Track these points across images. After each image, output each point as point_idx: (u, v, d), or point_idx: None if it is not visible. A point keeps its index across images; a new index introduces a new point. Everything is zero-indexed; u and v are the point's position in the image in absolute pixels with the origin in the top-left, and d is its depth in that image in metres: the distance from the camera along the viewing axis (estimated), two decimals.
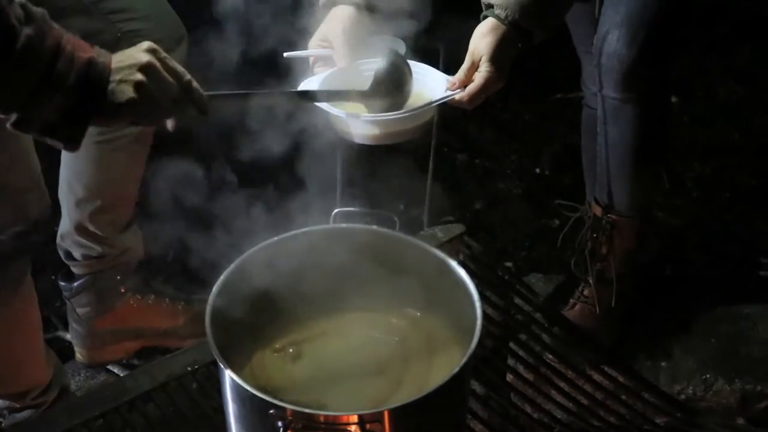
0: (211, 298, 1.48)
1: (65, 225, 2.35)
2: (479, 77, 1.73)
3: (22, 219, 1.98)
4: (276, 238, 1.58)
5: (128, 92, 1.35)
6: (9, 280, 2.07)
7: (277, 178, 1.64)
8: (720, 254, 2.88)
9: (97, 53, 1.33)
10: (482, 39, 1.74)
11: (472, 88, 1.73)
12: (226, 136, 1.44)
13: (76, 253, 2.39)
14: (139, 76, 1.36)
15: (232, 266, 1.54)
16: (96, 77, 1.32)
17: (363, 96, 1.70)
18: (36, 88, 1.27)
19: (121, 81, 1.35)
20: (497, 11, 1.73)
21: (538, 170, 3.33)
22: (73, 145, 1.35)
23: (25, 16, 1.25)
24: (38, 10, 1.28)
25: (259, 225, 1.56)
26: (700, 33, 3.60)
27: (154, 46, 1.41)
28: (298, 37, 1.84)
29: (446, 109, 1.78)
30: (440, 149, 2.34)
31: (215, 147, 2.79)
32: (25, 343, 2.17)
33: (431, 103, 1.74)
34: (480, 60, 1.73)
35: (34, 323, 2.19)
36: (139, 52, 1.38)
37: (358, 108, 1.75)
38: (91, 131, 1.39)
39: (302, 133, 1.71)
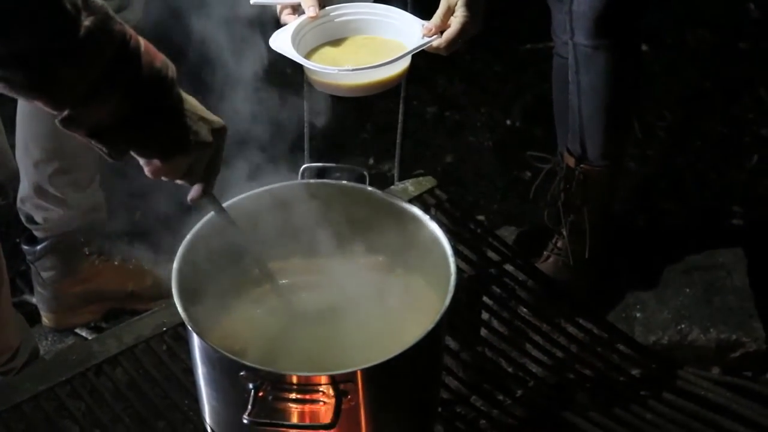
0: (177, 258, 1.47)
1: (24, 188, 2.34)
2: (456, 22, 1.72)
3: None
4: (242, 196, 1.57)
5: (206, 134, 1.34)
6: None
7: (241, 133, 1.61)
8: (692, 203, 2.91)
9: (166, 66, 1.29)
10: None
11: (449, 33, 1.72)
12: (194, 95, 1.42)
13: (38, 216, 2.37)
14: (209, 138, 1.35)
15: (198, 225, 1.52)
16: (167, 86, 1.28)
17: None
18: (94, 85, 1.21)
19: (200, 118, 1.34)
20: None
21: (508, 122, 3.32)
22: (117, 155, 1.30)
23: (84, 5, 1.19)
24: (99, 2, 1.22)
25: (225, 182, 1.53)
26: None
27: None
28: None
29: (415, 59, 1.76)
30: (409, 102, 2.33)
31: None
32: None
33: (410, 51, 1.72)
34: (455, 5, 1.72)
35: (2, 288, 2.16)
36: (212, 116, 1.37)
37: (334, 59, 1.74)
38: None
39: (268, 86, 1.68)
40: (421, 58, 1.75)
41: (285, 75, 1.78)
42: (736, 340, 2.30)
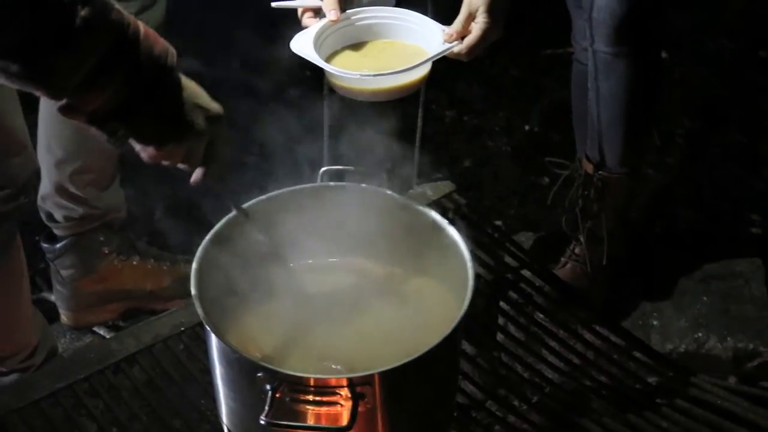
0: (196, 259, 1.47)
1: (45, 186, 2.34)
2: (477, 28, 1.71)
3: (11, 182, 1.96)
4: (262, 198, 1.57)
5: (201, 123, 1.34)
6: (4, 239, 2.05)
7: (264, 136, 1.62)
8: (711, 211, 2.89)
9: (167, 51, 1.29)
10: None
11: (470, 39, 1.72)
12: (214, 98, 1.43)
13: (58, 215, 2.38)
14: (204, 125, 1.35)
15: (218, 226, 1.53)
16: (166, 73, 1.29)
17: None
18: (90, 74, 1.22)
19: (197, 105, 1.34)
20: None
21: (527, 127, 3.32)
22: (117, 141, 1.31)
23: None
24: None
25: (245, 184, 1.54)
26: None
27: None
28: None
29: (434, 64, 1.76)
30: (428, 106, 2.34)
31: None
32: (13, 304, 2.17)
33: (432, 57, 1.72)
34: (477, 11, 1.71)
35: (23, 286, 2.18)
36: (210, 103, 1.38)
37: (355, 64, 1.74)
38: None
39: (289, 90, 1.69)
40: (441, 62, 1.75)
41: (305, 77, 1.78)
42: (753, 349, 2.29)
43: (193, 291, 1.43)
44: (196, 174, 1.43)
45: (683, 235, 2.78)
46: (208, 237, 1.50)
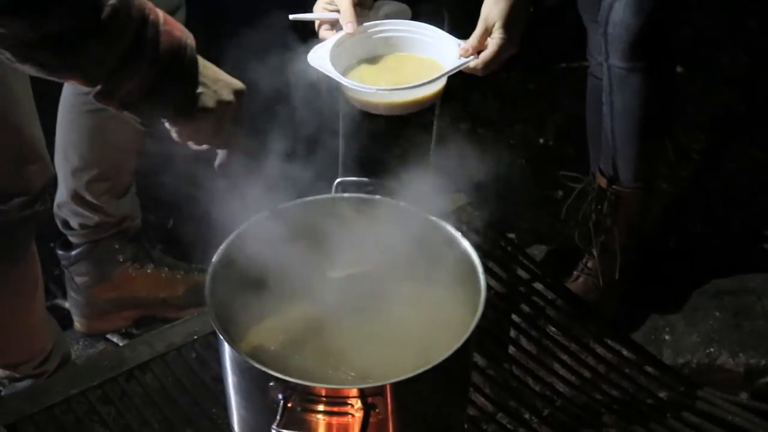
0: (211, 267, 1.48)
1: (62, 194, 2.35)
2: (493, 44, 1.72)
3: (27, 189, 1.97)
4: (277, 208, 1.58)
5: (228, 93, 1.42)
6: (14, 249, 2.06)
7: (279, 147, 1.63)
8: (724, 227, 2.88)
9: (185, 34, 1.37)
10: (495, 5, 1.73)
11: (486, 55, 1.73)
12: None
13: (73, 222, 2.38)
14: (231, 97, 1.42)
15: (232, 235, 1.54)
16: (188, 53, 1.36)
17: None
18: (122, 59, 1.29)
19: (219, 79, 1.42)
20: None
21: (541, 140, 3.32)
22: (149, 122, 1.39)
23: None
24: None
25: (260, 194, 1.55)
26: (705, 2, 3.58)
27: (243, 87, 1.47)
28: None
29: (450, 77, 1.77)
30: (443, 118, 2.34)
31: None
32: (28, 311, 2.17)
33: (447, 72, 1.73)
34: (493, 26, 1.72)
35: (37, 292, 2.19)
36: (232, 79, 1.45)
37: (372, 77, 1.75)
38: (85, 99, 1.42)
39: (304, 101, 1.70)
40: (456, 75, 1.75)
41: (322, 90, 1.79)
42: (766, 365, 2.28)
43: (207, 300, 1.43)
44: (221, 156, 1.49)
45: (696, 249, 2.77)
46: (222, 246, 1.51)
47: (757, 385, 2.28)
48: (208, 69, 1.42)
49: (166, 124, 1.43)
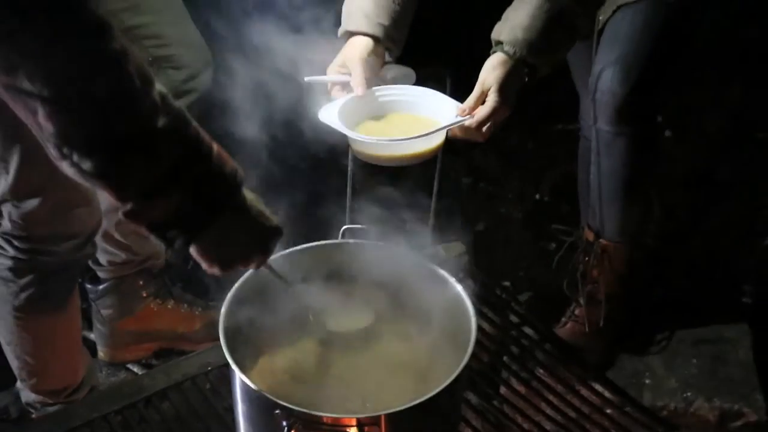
0: (224, 305, 1.49)
1: None
2: (487, 105, 1.76)
3: (79, 232, 2.00)
4: (287, 251, 1.59)
5: (264, 241, 1.38)
6: (64, 287, 2.10)
7: (291, 196, 1.66)
8: (706, 281, 2.88)
9: (235, 168, 1.29)
10: (492, 72, 1.77)
11: (480, 114, 1.76)
12: (245, 158, 1.47)
13: (102, 259, 2.41)
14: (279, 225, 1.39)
15: (245, 276, 1.55)
16: (235, 188, 1.29)
17: None
18: (161, 180, 1.21)
19: (259, 224, 1.35)
20: (506, 48, 1.76)
21: (537, 196, 3.33)
22: (175, 251, 1.31)
23: (163, 105, 1.20)
24: (176, 104, 1.23)
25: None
26: (694, 73, 3.60)
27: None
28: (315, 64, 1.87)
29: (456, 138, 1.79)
30: (446, 173, 2.33)
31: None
32: (69, 344, 2.20)
33: (443, 127, 1.76)
34: (489, 90, 1.76)
35: (77, 327, 2.22)
36: (271, 220, 1.38)
37: (375, 132, 1.78)
38: None
39: (315, 155, 1.73)
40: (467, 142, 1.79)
41: (332, 146, 1.82)
42: (738, 410, 2.27)
43: (221, 334, 1.44)
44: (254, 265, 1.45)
45: (678, 301, 2.76)
46: (235, 285, 1.52)
47: (729, 429, 2.27)
48: (252, 210, 1.33)
49: (194, 255, 1.34)
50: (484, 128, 1.76)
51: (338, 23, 1.87)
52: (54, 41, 1.10)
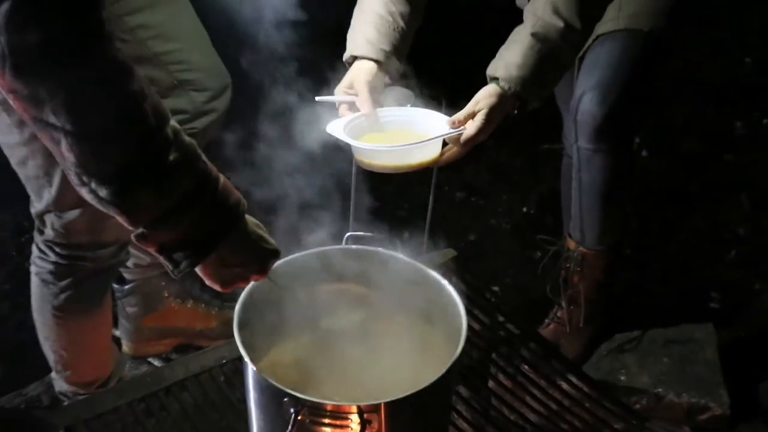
0: (238, 305, 1.49)
1: None
2: (473, 125, 1.76)
3: (114, 241, 2.02)
4: (295, 255, 1.59)
5: (263, 262, 1.40)
6: (100, 289, 2.12)
7: (298, 205, 1.66)
8: (677, 287, 2.89)
9: (238, 198, 1.30)
10: (486, 98, 1.78)
11: (469, 129, 1.77)
12: (249, 166, 1.47)
13: (129, 261, 2.39)
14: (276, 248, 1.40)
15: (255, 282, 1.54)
16: (236, 218, 1.30)
17: None
18: (171, 210, 1.21)
19: (258, 248, 1.37)
20: (501, 83, 1.77)
21: (525, 209, 3.34)
22: (180, 273, 1.30)
23: (175, 141, 1.20)
24: (188, 140, 1.23)
25: (280, 245, 1.57)
26: (670, 97, 3.62)
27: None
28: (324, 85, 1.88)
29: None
30: (441, 187, 2.34)
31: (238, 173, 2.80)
32: (100, 341, 2.21)
33: (435, 137, 1.77)
34: (479, 111, 1.77)
35: (108, 325, 2.22)
36: (269, 244, 1.39)
37: (375, 143, 1.79)
38: None
39: (322, 167, 1.74)
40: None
41: (338, 159, 1.83)
42: (705, 404, 2.26)
43: (235, 330, 1.44)
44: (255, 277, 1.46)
45: (651, 304, 2.77)
46: (248, 289, 1.52)
47: (697, 421, 2.27)
48: (252, 235, 1.34)
49: (200, 274, 1.35)
50: (467, 141, 1.77)
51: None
52: (79, 84, 1.12)
